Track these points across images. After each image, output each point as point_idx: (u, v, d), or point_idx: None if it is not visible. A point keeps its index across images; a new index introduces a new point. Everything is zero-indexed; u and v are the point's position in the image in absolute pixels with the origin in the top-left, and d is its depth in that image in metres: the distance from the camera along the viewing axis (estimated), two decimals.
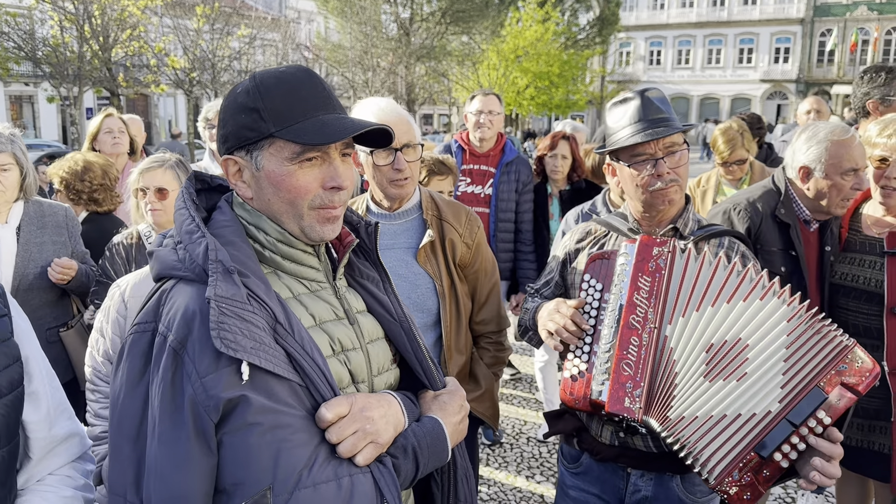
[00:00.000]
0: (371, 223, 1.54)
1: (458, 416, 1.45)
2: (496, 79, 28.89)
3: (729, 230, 2.14)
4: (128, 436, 1.19)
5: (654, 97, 2.05)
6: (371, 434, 1.24)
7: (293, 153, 1.28)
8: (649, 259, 1.92)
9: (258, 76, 1.33)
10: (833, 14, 42.30)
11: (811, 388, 1.74)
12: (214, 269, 1.19)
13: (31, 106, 32.77)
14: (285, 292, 1.33)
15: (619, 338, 1.87)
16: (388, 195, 2.42)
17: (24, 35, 20.12)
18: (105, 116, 4.40)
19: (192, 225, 1.27)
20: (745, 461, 1.73)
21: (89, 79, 20.30)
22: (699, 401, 1.78)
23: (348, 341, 1.37)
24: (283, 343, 1.21)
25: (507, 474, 4.31)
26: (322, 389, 1.23)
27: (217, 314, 1.13)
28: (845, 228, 2.73)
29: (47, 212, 3.10)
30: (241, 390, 1.13)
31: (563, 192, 4.49)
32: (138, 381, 1.19)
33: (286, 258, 1.35)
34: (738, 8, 45.03)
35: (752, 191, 2.83)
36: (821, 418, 1.72)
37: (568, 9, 35.98)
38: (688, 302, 1.86)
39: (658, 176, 2.01)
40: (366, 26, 26.89)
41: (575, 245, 2.26)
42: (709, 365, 1.79)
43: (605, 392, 1.84)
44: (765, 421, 1.73)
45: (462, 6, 28.47)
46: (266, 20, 29.53)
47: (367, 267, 1.54)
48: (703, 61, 46.60)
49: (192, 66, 22.29)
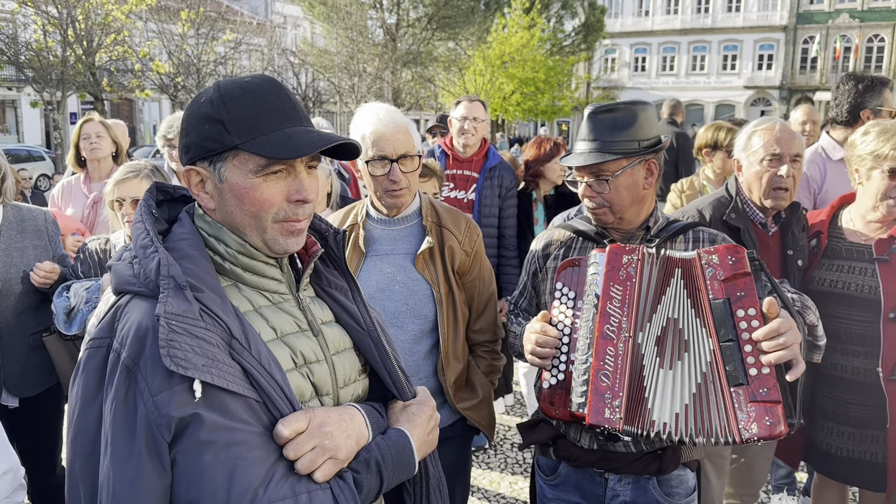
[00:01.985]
0: (340, 231, 1.52)
1: (427, 426, 1.43)
2: (482, 84, 28.95)
3: (691, 223, 2.17)
4: (81, 452, 1.17)
5: (603, 118, 2.08)
6: (330, 450, 1.22)
7: (258, 166, 1.26)
8: (619, 267, 1.93)
9: (222, 86, 1.31)
10: (815, 21, 42.79)
11: (708, 307, 1.83)
12: (166, 286, 1.17)
13: (14, 110, 32.47)
14: (245, 305, 1.31)
15: (595, 348, 1.88)
16: (384, 204, 2.42)
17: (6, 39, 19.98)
18: (83, 122, 4.35)
19: (146, 239, 1.25)
20: (732, 397, 1.76)
21: (73, 83, 20.17)
22: (666, 389, 1.82)
23: (311, 353, 1.35)
24: (238, 358, 1.19)
25: (491, 480, 4.32)
26: (280, 405, 1.21)
27: (167, 332, 1.11)
28: (825, 234, 2.72)
29: (27, 216, 3.07)
30: (193, 408, 1.11)
31: (547, 197, 4.50)
32: (93, 398, 1.17)
33: (247, 270, 1.33)
34: (722, 15, 45.43)
35: (702, 199, 2.86)
36: (744, 315, 1.78)
37: (553, 15, 36.10)
38: (650, 306, 1.90)
39: (583, 196, 2.12)
40: (352, 31, 26.90)
41: (542, 252, 2.28)
42: (661, 356, 1.84)
43: (585, 404, 1.85)
44: (716, 361, 1.79)
45: (448, 12, 28.53)
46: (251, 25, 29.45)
47: (335, 276, 1.51)
48: (688, 68, 46.95)
49: (177, 71, 22.19)
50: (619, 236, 2.16)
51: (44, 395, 3.15)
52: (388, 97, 27.91)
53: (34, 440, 3.25)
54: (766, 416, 1.72)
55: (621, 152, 2.03)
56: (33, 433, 3.23)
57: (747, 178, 2.70)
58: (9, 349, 2.99)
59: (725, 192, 2.80)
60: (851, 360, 2.59)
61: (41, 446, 3.28)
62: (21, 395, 3.06)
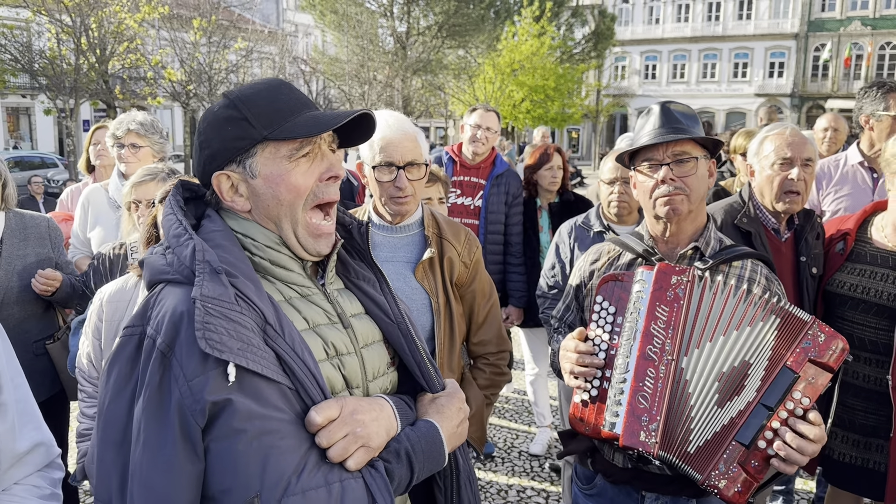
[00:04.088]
0: (363, 223, 1.53)
1: (457, 418, 1.42)
2: (492, 92, 29.00)
3: (752, 252, 2.09)
4: (112, 441, 1.17)
5: (675, 109, 2.03)
6: (362, 437, 1.21)
7: (291, 150, 1.29)
8: (667, 288, 1.87)
9: (232, 94, 1.34)
10: (827, 29, 42.61)
11: (779, 368, 1.75)
12: (201, 270, 1.18)
13: (27, 118, 32.83)
14: (277, 296, 1.31)
15: (636, 369, 1.82)
16: (388, 211, 2.42)
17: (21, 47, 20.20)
18: (95, 129, 4.38)
19: (180, 228, 1.26)
20: (728, 452, 1.72)
21: (86, 91, 20.36)
22: (712, 426, 1.77)
23: (342, 346, 1.35)
24: (272, 344, 1.19)
25: (499, 488, 4.28)
26: (312, 392, 1.20)
27: (202, 314, 1.11)
28: (852, 238, 2.68)
29: (29, 223, 3.07)
30: (227, 393, 1.11)
31: (552, 205, 4.49)
32: (124, 386, 1.17)
33: (275, 264, 1.34)
34: (732, 23, 45.33)
35: (714, 205, 2.85)
36: (797, 399, 1.72)
37: (564, 23, 36.15)
38: (702, 333, 1.83)
39: (661, 182, 1.98)
40: (362, 40, 27.04)
41: (590, 267, 2.21)
42: (721, 393, 1.78)
43: (620, 424, 1.79)
44: (746, 411, 1.74)
45: (458, 20, 28.63)
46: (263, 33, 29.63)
47: (363, 268, 1.52)
48: (699, 75, 46.84)
49: (189, 79, 22.35)
50: (668, 251, 2.09)
51: (48, 402, 3.12)
52: (399, 105, 28.00)
53: None
54: (740, 484, 1.71)
55: (701, 140, 1.99)
56: None
57: (759, 182, 2.69)
58: None
59: (738, 198, 2.79)
60: (863, 368, 2.56)
61: None
62: None
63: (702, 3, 45.94)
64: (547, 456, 4.72)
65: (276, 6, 42.79)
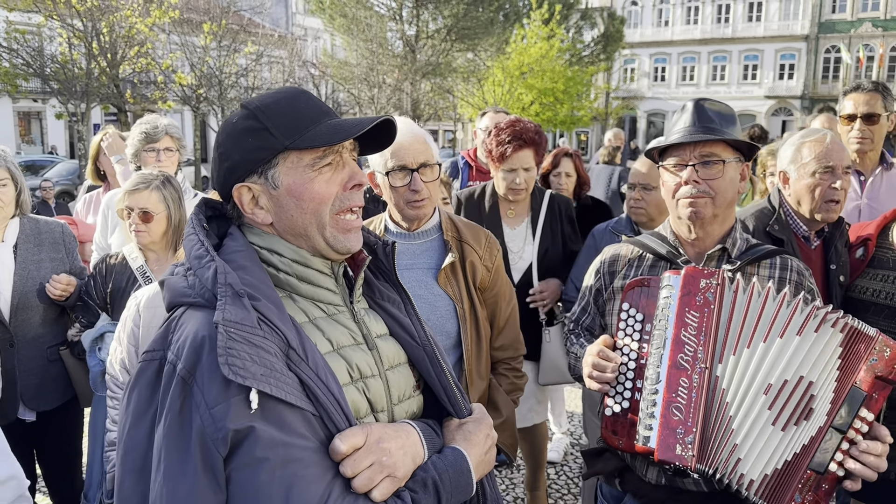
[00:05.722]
0: (389, 242, 1.50)
1: (485, 445, 1.38)
2: (501, 95, 28.96)
3: (778, 249, 2.04)
4: (132, 469, 1.14)
5: (710, 108, 1.97)
6: (388, 467, 1.18)
7: (313, 159, 1.27)
8: (696, 292, 1.80)
9: (251, 104, 1.31)
10: (838, 31, 42.38)
11: (848, 388, 1.69)
12: (223, 293, 1.15)
13: (39, 122, 33.04)
14: (301, 316, 1.28)
15: (668, 379, 1.75)
16: (405, 216, 2.38)
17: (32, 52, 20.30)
18: (103, 135, 4.35)
19: (202, 250, 1.23)
20: (803, 482, 1.67)
21: (97, 95, 20.45)
22: (774, 449, 1.71)
23: (367, 368, 1.32)
24: (295, 370, 1.16)
25: (515, 496, 4.23)
26: (337, 419, 1.17)
27: (225, 339, 1.09)
28: (873, 244, 2.64)
29: (43, 229, 3.06)
30: (249, 420, 1.08)
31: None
32: (145, 412, 1.14)
33: (302, 280, 1.31)
34: (742, 25, 45.16)
35: (745, 210, 2.80)
36: (864, 416, 1.67)
37: (573, 26, 36.11)
38: (738, 338, 1.76)
39: (685, 182, 1.93)
40: (372, 43, 27.06)
41: (608, 269, 2.15)
42: (773, 409, 1.71)
43: (654, 438, 1.73)
44: (818, 437, 1.69)
45: (467, 23, 28.61)
46: (273, 37, 29.72)
47: (388, 288, 1.49)
48: (708, 77, 46.67)
49: (199, 83, 22.41)
50: (694, 253, 2.02)
51: (61, 408, 3.12)
52: (408, 108, 28.01)
53: (53, 454, 3.22)
54: None
55: (733, 142, 1.93)
56: (52, 447, 3.20)
57: (797, 190, 2.62)
58: (26, 363, 2.96)
59: (768, 204, 2.73)
60: None
61: (60, 460, 3.25)
62: (38, 408, 3.03)
63: (711, 5, 45.81)
64: (563, 463, 4.67)
65: (286, 10, 42.95)
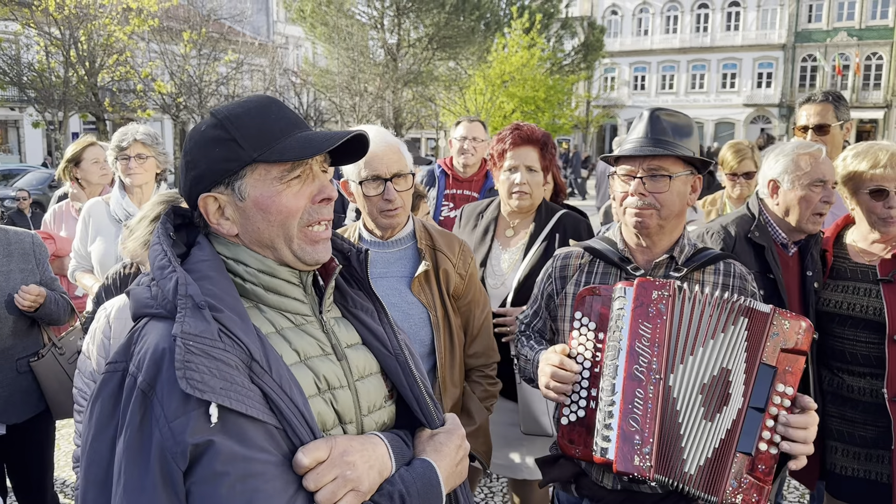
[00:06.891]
0: (362, 250, 1.48)
1: (456, 457, 1.36)
2: (483, 103, 29.06)
3: (721, 254, 2.08)
4: (94, 481, 1.13)
5: (666, 119, 1.99)
6: (352, 481, 1.16)
7: (281, 172, 1.25)
8: (649, 303, 1.81)
9: (220, 112, 1.29)
10: (814, 40, 43.05)
11: (757, 367, 1.74)
12: (183, 305, 1.13)
13: (16, 130, 32.66)
14: (267, 327, 1.26)
15: (623, 390, 1.76)
16: (379, 225, 2.38)
17: (9, 60, 20.13)
18: (89, 144, 4.30)
19: (164, 260, 1.22)
20: (736, 466, 1.70)
21: (75, 104, 20.30)
22: (702, 440, 1.74)
23: (335, 379, 1.30)
24: (258, 382, 1.14)
25: None
26: (300, 432, 1.16)
27: (183, 352, 1.07)
28: (830, 254, 2.70)
29: (13, 239, 3.01)
30: (209, 434, 1.06)
31: None
32: (107, 424, 1.13)
33: (268, 290, 1.29)
34: (720, 34, 45.73)
35: (726, 216, 2.83)
36: (781, 391, 1.71)
37: (553, 35, 36.33)
38: (685, 347, 1.79)
39: (631, 194, 1.96)
40: (353, 52, 27.08)
41: (560, 273, 2.17)
42: (707, 405, 1.75)
43: (612, 450, 1.74)
44: (739, 420, 1.73)
45: (449, 32, 28.72)
46: (254, 46, 29.65)
47: (361, 297, 1.47)
48: (687, 86, 47.18)
49: (179, 91, 22.32)
50: (644, 261, 2.05)
51: (32, 420, 3.07)
52: (389, 116, 28.04)
53: (23, 467, 3.18)
54: (755, 493, 1.69)
55: (683, 156, 1.96)
56: (22, 460, 3.15)
57: (787, 199, 2.62)
58: None
59: (747, 211, 2.77)
60: (858, 381, 2.57)
61: (30, 473, 3.20)
62: (8, 421, 2.98)
63: (690, 15, 46.36)
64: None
65: (267, 18, 42.86)
